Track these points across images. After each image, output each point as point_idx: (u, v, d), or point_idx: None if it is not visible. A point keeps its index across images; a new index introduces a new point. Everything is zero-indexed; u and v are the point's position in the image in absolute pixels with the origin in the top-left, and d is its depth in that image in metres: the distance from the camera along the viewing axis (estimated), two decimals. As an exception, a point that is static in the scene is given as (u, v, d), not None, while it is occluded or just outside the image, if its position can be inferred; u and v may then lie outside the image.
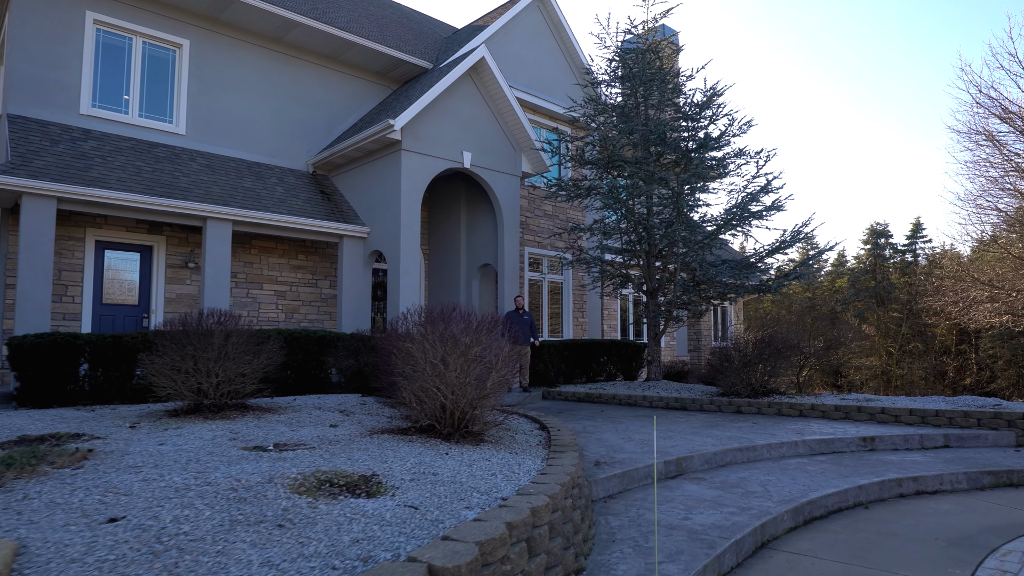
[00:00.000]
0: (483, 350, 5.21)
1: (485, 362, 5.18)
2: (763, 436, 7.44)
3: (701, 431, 7.81)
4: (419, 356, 5.09)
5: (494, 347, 5.28)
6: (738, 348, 10.78)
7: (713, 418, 9.17)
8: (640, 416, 9.41)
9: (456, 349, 5.05)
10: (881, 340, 36.86)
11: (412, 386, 5.16)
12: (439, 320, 5.27)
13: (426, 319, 5.36)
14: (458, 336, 5.01)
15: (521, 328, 11.88)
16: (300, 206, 11.75)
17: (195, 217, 10.33)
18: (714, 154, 12.07)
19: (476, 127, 12.67)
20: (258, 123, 12.50)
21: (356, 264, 12.24)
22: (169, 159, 10.97)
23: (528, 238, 15.02)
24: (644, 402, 10.98)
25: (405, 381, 5.18)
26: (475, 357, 5.11)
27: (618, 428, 8.01)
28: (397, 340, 5.23)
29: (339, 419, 6.29)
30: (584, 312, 16.33)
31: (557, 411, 10.08)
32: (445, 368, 5.05)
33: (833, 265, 47.44)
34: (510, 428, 6.42)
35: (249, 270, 12.07)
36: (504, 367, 5.29)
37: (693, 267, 12.33)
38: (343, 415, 6.71)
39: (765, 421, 8.82)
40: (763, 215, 12.31)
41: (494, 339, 5.41)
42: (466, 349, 5.06)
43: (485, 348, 5.24)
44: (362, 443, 4.75)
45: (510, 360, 5.46)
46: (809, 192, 78.29)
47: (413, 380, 5.12)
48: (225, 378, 6.44)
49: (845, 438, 7.51)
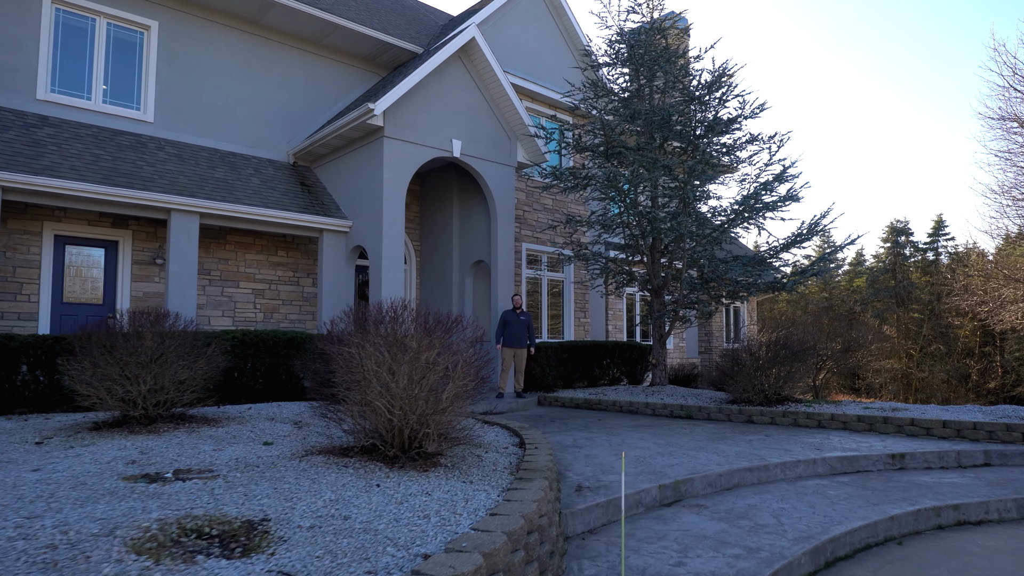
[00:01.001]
0: (438, 355, 4.34)
1: (440, 370, 4.32)
2: (777, 452, 6.51)
3: (706, 445, 6.89)
4: (361, 363, 4.24)
5: (452, 352, 4.42)
6: (749, 351, 9.84)
7: (721, 429, 8.25)
8: (640, 426, 8.50)
9: (403, 355, 4.19)
10: (901, 342, 35.56)
11: (354, 398, 4.31)
12: (387, 320, 4.42)
13: (373, 319, 4.50)
14: (404, 339, 4.15)
15: (518, 329, 11.02)
16: (276, 198, 10.96)
17: (158, 209, 9.56)
18: (723, 139, 11.12)
19: (467, 113, 11.81)
20: (234, 111, 11.73)
21: (337, 260, 11.43)
22: (133, 148, 10.22)
23: (526, 233, 14.14)
24: (646, 410, 10.07)
25: (347, 392, 4.32)
26: (427, 364, 4.24)
27: (612, 441, 7.11)
28: (336, 343, 4.38)
29: (285, 433, 5.46)
30: (586, 312, 15.42)
31: (550, 419, 9.20)
32: (391, 377, 4.20)
33: (851, 264, 46.08)
34: (482, 444, 5.55)
35: (224, 267, 11.30)
36: (465, 376, 4.42)
37: (701, 263, 11.40)
38: (295, 427, 5.88)
39: (779, 433, 7.88)
40: (777, 206, 11.35)
41: (454, 342, 4.54)
42: (415, 355, 4.20)
43: (441, 353, 4.38)
44: (283, 470, 3.90)
45: (472, 367, 4.59)
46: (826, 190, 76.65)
47: (355, 391, 4.26)
48: (157, 386, 5.63)
49: (871, 455, 6.56)
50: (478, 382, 4.72)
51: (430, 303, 13.52)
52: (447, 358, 4.36)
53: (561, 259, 12.11)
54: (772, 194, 11.23)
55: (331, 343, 4.37)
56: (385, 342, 4.22)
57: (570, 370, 12.53)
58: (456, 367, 4.40)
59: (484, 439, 5.95)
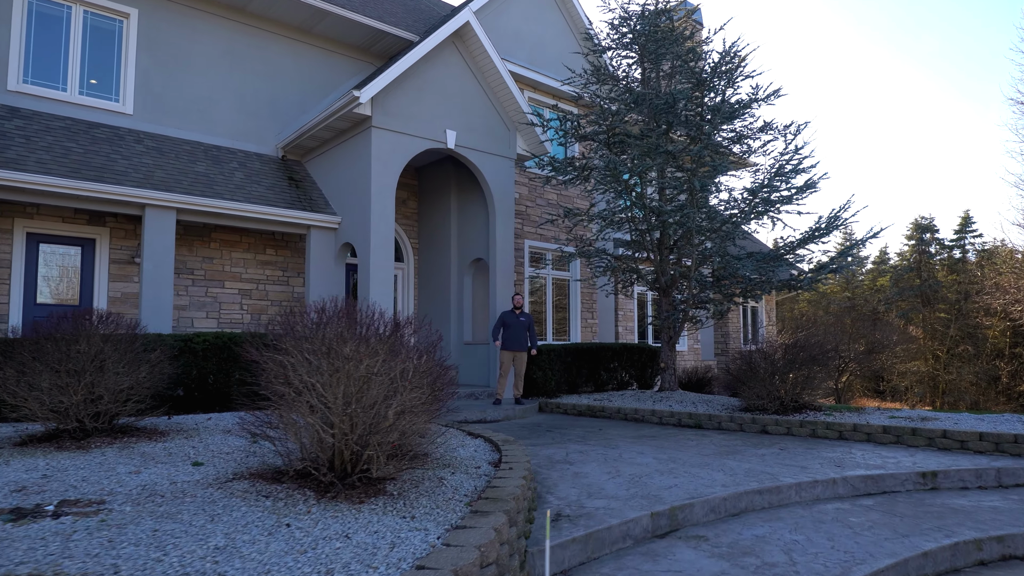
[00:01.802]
0: (384, 364, 3.70)
1: (386, 381, 3.68)
2: (791, 470, 5.78)
3: (712, 461, 6.17)
4: (287, 374, 3.61)
5: (400, 360, 3.77)
6: (764, 354, 9.09)
7: (731, 440, 7.51)
8: (643, 437, 7.80)
9: (340, 364, 3.55)
10: (927, 343, 34.29)
11: (286, 414, 3.68)
12: (325, 321, 3.79)
13: (311, 319, 3.87)
14: (339, 345, 3.52)
15: (517, 331, 10.34)
16: (261, 193, 10.41)
17: (131, 204, 9.04)
18: (734, 125, 10.35)
19: (462, 103, 11.18)
20: (219, 103, 11.21)
21: (326, 258, 10.85)
22: (109, 140, 9.72)
23: (528, 230, 13.48)
24: (652, 418, 9.35)
25: (278, 407, 3.70)
26: (368, 374, 3.60)
27: (608, 456, 6.42)
28: (266, 349, 3.75)
29: (230, 450, 4.85)
30: (594, 313, 14.70)
31: (547, 429, 8.52)
32: (326, 390, 3.56)
33: (874, 263, 44.71)
34: (451, 463, 4.90)
35: (208, 266, 10.77)
36: (416, 387, 3.78)
37: (712, 260, 10.65)
38: (249, 442, 5.27)
39: (795, 446, 7.13)
40: (793, 199, 10.57)
41: (406, 348, 3.90)
42: (353, 363, 3.56)
43: (388, 361, 3.74)
44: (187, 502, 3.28)
45: (426, 375, 3.94)
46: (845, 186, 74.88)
47: (285, 407, 3.63)
48: (93, 396, 5.06)
49: (898, 474, 5.80)
50: (436, 393, 4.07)
51: (428, 304, 12.91)
52: (394, 367, 3.72)
53: (564, 256, 11.41)
54: (788, 186, 10.46)
55: (259, 348, 3.74)
56: (321, 349, 3.58)
57: (574, 374, 11.84)
58: (407, 378, 3.76)
59: (458, 455, 5.30)
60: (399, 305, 13.07)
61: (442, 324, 12.49)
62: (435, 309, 12.72)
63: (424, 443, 5.16)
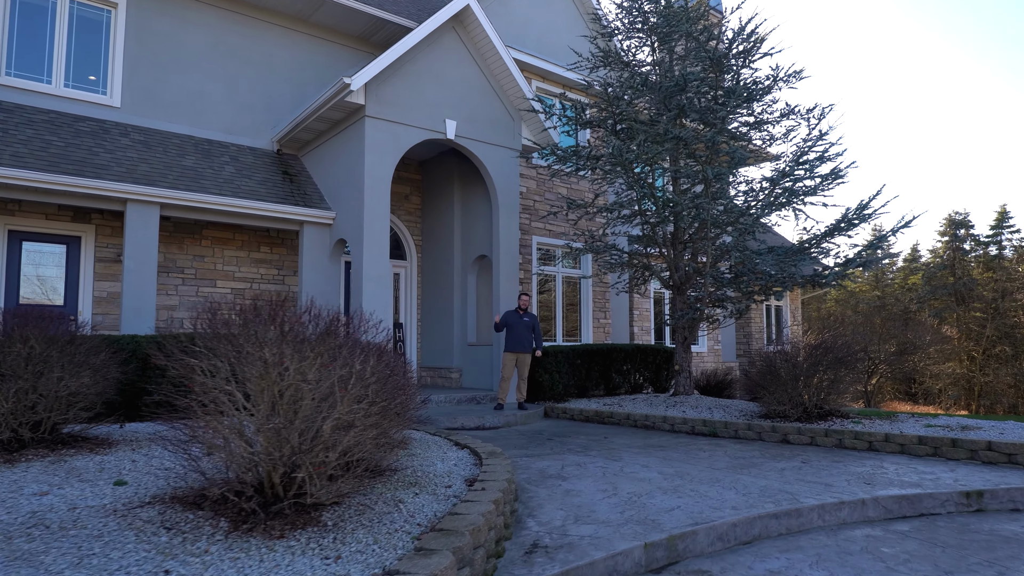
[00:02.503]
0: (319, 372, 3.13)
1: (323, 391, 3.11)
2: (814, 488, 5.09)
3: (725, 476, 5.50)
4: (210, 381, 3.06)
5: (339, 365, 3.20)
6: (786, 355, 8.36)
7: (748, 451, 6.82)
8: (650, 447, 7.14)
9: (265, 370, 2.99)
10: (963, 343, 32.88)
11: (205, 430, 3.13)
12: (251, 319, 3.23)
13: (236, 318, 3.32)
14: (247, 347, 2.96)
15: (521, 332, 9.73)
16: (252, 188, 9.95)
17: (112, 199, 8.63)
18: (752, 109, 9.61)
19: (463, 91, 10.61)
20: (211, 95, 10.78)
21: (320, 255, 10.36)
22: (94, 134, 9.34)
23: (536, 226, 12.86)
24: (663, 425, 8.68)
25: (196, 419, 3.15)
26: (297, 383, 3.03)
27: (608, 470, 5.78)
28: (180, 352, 3.20)
29: (169, 466, 4.32)
30: (607, 312, 14.03)
31: (548, 437, 7.91)
32: (248, 401, 3.01)
33: (905, 260, 43.19)
34: (419, 481, 4.32)
35: (200, 264, 10.35)
36: (361, 398, 3.20)
37: (730, 255, 9.94)
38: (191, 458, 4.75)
39: (819, 458, 6.42)
40: (818, 189, 9.82)
41: (348, 352, 3.33)
42: (278, 370, 2.99)
43: (327, 366, 3.17)
44: (72, 535, 2.74)
45: (375, 385, 3.37)
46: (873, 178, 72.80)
47: (202, 419, 3.08)
48: (25, 404, 4.57)
49: (938, 493, 5.08)
50: (393, 403, 3.49)
51: (431, 303, 12.37)
52: (332, 373, 3.15)
53: (572, 252, 10.78)
54: (812, 174, 9.71)
55: (175, 352, 3.19)
56: (231, 352, 3.02)
57: (583, 377, 11.20)
58: (347, 385, 3.18)
59: (433, 471, 4.72)
60: (401, 305, 12.55)
61: (445, 324, 11.94)
62: (438, 309, 12.18)
63: (388, 458, 4.59)
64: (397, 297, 12.60)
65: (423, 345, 12.55)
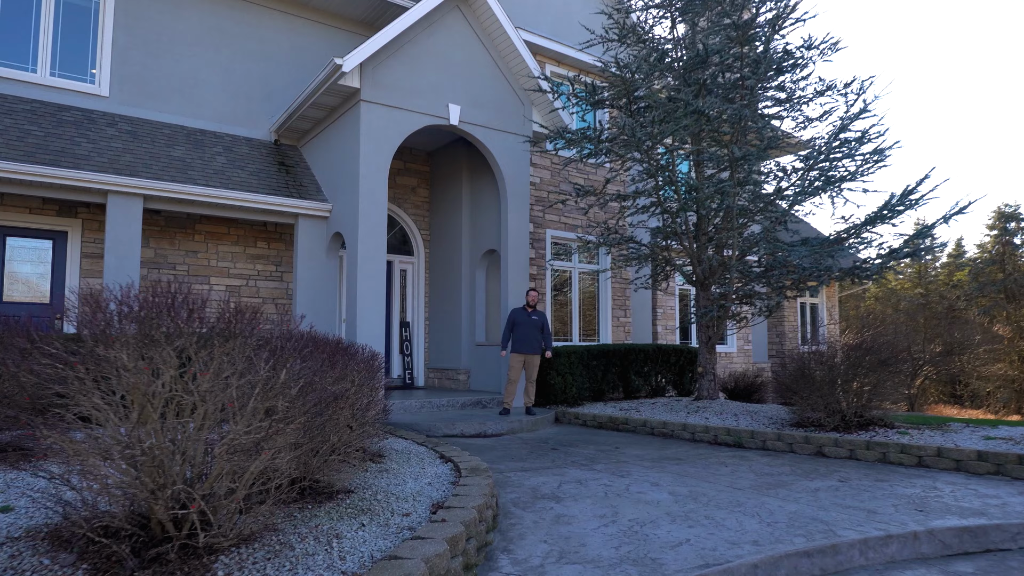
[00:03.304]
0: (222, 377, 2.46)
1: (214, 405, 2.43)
2: (854, 516, 4.26)
3: (747, 498, 4.70)
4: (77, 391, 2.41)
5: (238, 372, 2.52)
6: (821, 356, 7.49)
7: (776, 466, 5.98)
8: (665, 459, 6.35)
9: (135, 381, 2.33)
10: (1016, 342, 31.06)
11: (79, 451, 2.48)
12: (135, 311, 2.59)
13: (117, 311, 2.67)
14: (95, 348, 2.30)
15: (528, 331, 9.00)
16: (243, 179, 9.41)
17: (91, 191, 8.16)
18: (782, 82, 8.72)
19: (467, 74, 9.93)
20: (205, 84, 10.29)
21: (315, 250, 9.78)
22: (78, 124, 8.89)
23: (551, 219, 12.11)
24: (683, 433, 7.86)
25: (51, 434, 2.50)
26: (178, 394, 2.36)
27: (612, 489, 5.02)
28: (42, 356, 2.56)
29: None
30: (627, 310, 13.21)
31: (552, 447, 7.17)
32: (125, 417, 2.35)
33: (950, 256, 41.19)
34: (370, 508, 3.63)
35: (193, 260, 9.86)
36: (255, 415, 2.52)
37: (759, 246, 9.07)
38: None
39: (860, 476, 5.56)
40: (858, 174, 8.90)
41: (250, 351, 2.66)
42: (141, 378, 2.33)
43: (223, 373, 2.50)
44: None
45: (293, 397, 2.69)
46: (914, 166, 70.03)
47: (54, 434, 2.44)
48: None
49: (1008, 524, 4.21)
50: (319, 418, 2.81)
51: (439, 301, 11.72)
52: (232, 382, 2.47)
53: (586, 246, 10.01)
54: (852, 157, 8.79)
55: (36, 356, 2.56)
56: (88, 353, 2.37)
57: (599, 379, 10.42)
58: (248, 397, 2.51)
59: (401, 491, 4.03)
60: (408, 303, 11.92)
61: (453, 323, 11.28)
62: (446, 307, 11.52)
63: (345, 477, 3.92)
64: (404, 295, 11.98)
65: (431, 345, 11.91)
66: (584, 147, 8.67)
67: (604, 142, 8.34)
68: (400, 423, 7.77)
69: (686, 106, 7.12)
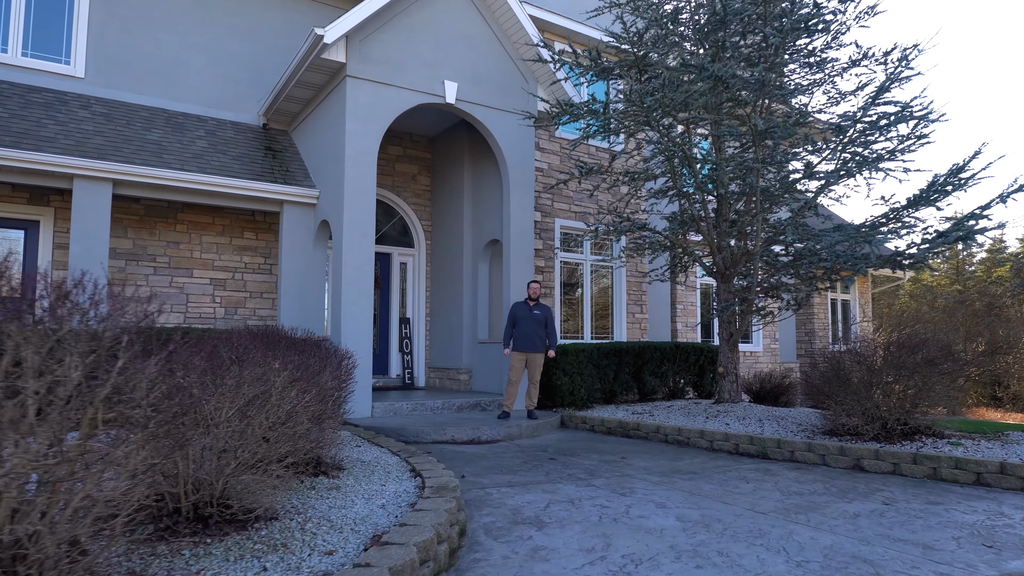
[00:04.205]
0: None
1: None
2: (907, 553, 3.41)
3: (772, 526, 3.87)
4: None
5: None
6: (857, 355, 6.60)
7: (807, 482, 5.12)
8: (677, 473, 5.52)
9: None
10: (1062, 341, 29.36)
11: None
12: None
13: None
14: None
15: (530, 327, 8.20)
16: (224, 163, 8.77)
17: (55, 175, 7.58)
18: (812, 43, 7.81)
19: (465, 48, 9.17)
20: (188, 65, 9.68)
21: (302, 240, 9.11)
22: (48, 106, 8.33)
23: (560, 207, 11.30)
24: (700, 440, 7.01)
25: None
26: None
27: (608, 512, 4.22)
28: None
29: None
30: (643, 306, 12.35)
31: (551, 456, 6.38)
32: None
33: (989, 251, 39.36)
34: (285, 543, 2.89)
35: (175, 252, 9.25)
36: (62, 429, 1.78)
37: (786, 233, 8.17)
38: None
39: (908, 496, 4.68)
40: (897, 152, 7.97)
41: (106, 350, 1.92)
42: None
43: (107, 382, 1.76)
44: None
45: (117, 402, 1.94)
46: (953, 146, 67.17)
47: None
48: None
49: (1108, 567, 3.31)
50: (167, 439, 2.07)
51: (440, 296, 10.99)
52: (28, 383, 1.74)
53: (595, 233, 9.18)
54: (890, 132, 7.86)
55: None
56: None
57: (610, 380, 9.59)
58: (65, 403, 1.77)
59: (337, 519, 3.28)
60: (409, 298, 11.22)
61: (454, 319, 10.54)
62: (448, 302, 10.78)
63: (267, 500, 3.18)
64: (404, 289, 11.27)
65: (432, 343, 11.18)
66: (590, 124, 7.82)
67: (612, 117, 7.48)
68: (385, 427, 7.05)
69: (701, 71, 6.25)
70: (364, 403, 7.84)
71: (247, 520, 3.03)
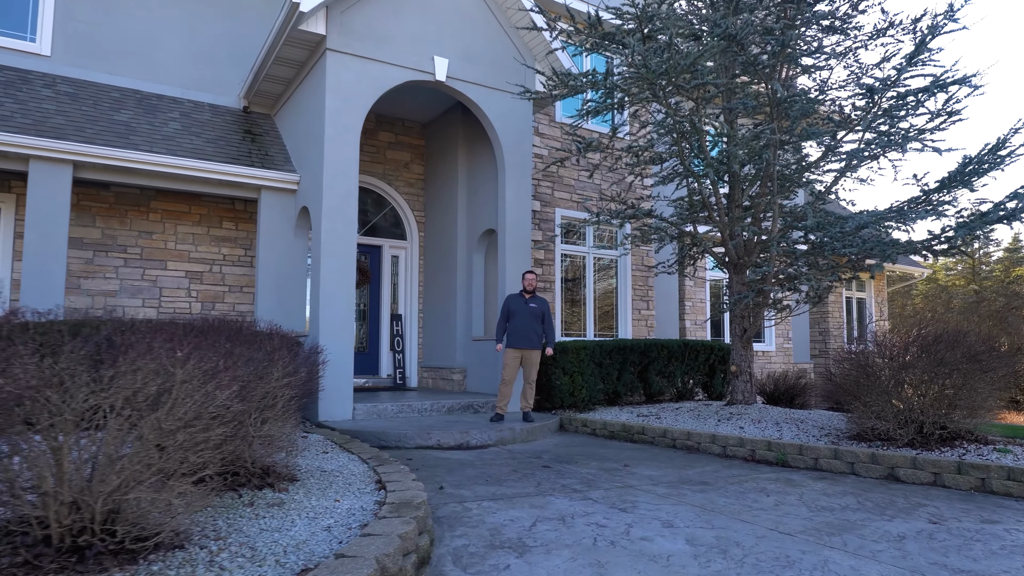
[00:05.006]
0: None
1: None
2: (974, 592, 2.73)
3: (801, 554, 3.19)
4: None
5: None
6: (886, 350, 5.91)
7: (836, 495, 4.43)
8: (687, 483, 4.85)
9: None
10: (1085, 342, 28.44)
11: None
12: None
13: None
14: None
15: (526, 322, 7.54)
16: (196, 146, 8.17)
17: (8, 156, 6.98)
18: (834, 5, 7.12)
19: (457, 22, 8.54)
20: (164, 44, 9.09)
21: (282, 228, 8.49)
22: (8, 84, 7.75)
23: (561, 196, 10.66)
24: (712, 446, 6.34)
25: None
26: None
27: (604, 533, 3.56)
28: None
29: None
30: (650, 302, 11.67)
31: (545, 463, 5.72)
32: None
33: (1006, 251, 38.34)
34: (190, 582, 2.24)
35: (148, 242, 8.66)
36: None
37: (804, 220, 7.49)
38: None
39: (957, 513, 3.99)
40: (925, 132, 7.30)
41: None
42: None
43: None
44: None
45: None
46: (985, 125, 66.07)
47: None
48: None
49: None
50: None
51: (434, 290, 10.35)
52: None
53: (596, 221, 8.52)
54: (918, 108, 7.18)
55: None
56: None
57: (614, 380, 8.92)
58: None
59: (262, 548, 2.64)
60: (400, 293, 10.58)
61: (448, 316, 9.90)
62: (441, 297, 10.14)
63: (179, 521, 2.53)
64: (396, 284, 10.65)
65: (425, 341, 10.55)
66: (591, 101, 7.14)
67: (615, 87, 6.78)
68: (365, 431, 6.41)
69: (714, 27, 5.57)
70: (343, 404, 7.21)
71: (140, 550, 2.39)
